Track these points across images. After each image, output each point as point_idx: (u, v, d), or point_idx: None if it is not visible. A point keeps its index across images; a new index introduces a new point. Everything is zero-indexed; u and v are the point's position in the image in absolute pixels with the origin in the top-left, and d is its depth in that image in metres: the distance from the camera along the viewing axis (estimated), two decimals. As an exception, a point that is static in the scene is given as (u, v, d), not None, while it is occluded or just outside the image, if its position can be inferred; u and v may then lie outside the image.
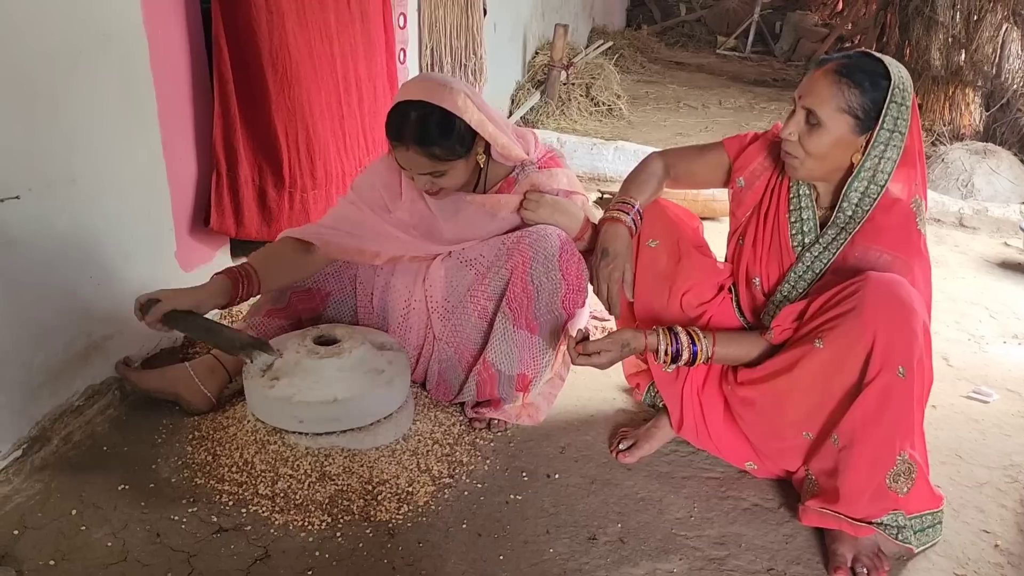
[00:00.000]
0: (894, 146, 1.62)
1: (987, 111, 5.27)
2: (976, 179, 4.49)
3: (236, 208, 2.33)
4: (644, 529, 1.72)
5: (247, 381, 1.86)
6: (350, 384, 1.84)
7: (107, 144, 1.94)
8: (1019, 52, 5.21)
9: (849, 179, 1.66)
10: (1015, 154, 4.77)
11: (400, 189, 2.05)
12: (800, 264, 1.75)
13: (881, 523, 1.62)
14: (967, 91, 5.27)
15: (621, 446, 1.97)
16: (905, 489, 1.60)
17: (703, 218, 2.38)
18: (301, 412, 1.80)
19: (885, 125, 1.60)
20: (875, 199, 1.65)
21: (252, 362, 1.83)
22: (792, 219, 1.77)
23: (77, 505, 1.67)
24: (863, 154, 1.63)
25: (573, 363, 1.81)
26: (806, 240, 1.75)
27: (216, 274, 1.86)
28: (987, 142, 4.91)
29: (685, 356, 1.76)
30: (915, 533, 1.66)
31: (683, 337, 1.76)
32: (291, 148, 2.44)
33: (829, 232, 1.71)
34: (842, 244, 1.68)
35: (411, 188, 2.02)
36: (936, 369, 2.49)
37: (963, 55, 5.27)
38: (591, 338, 1.78)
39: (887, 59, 1.63)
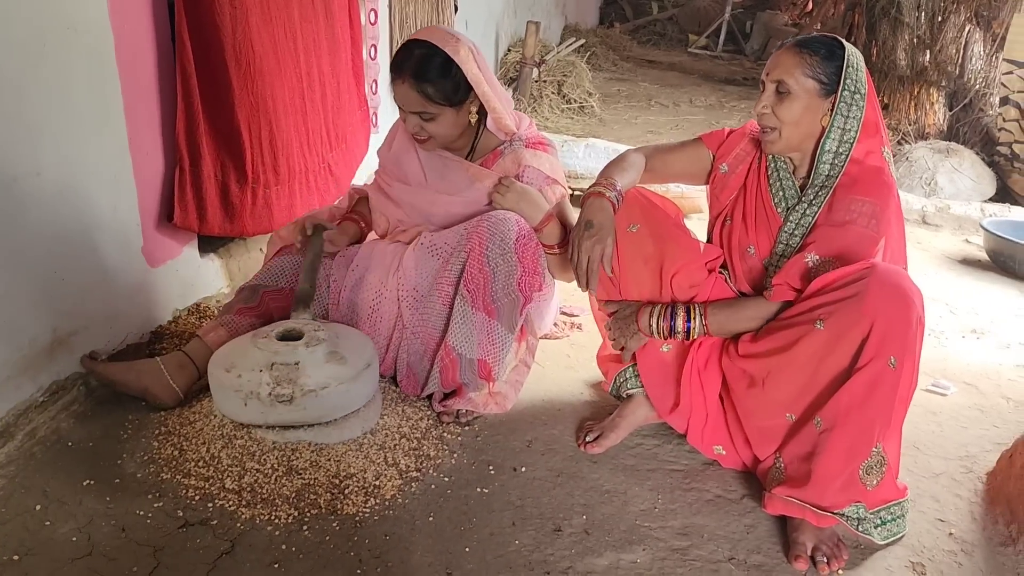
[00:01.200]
0: (857, 106, 1.76)
1: (950, 111, 5.37)
2: (939, 177, 4.58)
3: (199, 204, 2.32)
4: (609, 521, 1.74)
5: (250, 394, 1.83)
6: (347, 366, 1.85)
7: (73, 137, 1.92)
8: (981, 53, 5.32)
9: (821, 141, 1.77)
10: (977, 153, 4.87)
11: (392, 142, 2.22)
12: (788, 224, 1.83)
13: (843, 514, 1.66)
14: (931, 91, 5.37)
15: (588, 438, 2.00)
16: (874, 482, 1.65)
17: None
18: (323, 401, 1.82)
19: (847, 87, 1.74)
20: (847, 156, 1.77)
21: (293, 315, 1.98)
22: (773, 189, 1.87)
23: (41, 500, 1.66)
24: (831, 116, 1.75)
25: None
26: (789, 203, 1.84)
27: (344, 220, 2.25)
28: (950, 141, 5.01)
29: (680, 329, 1.84)
30: (876, 527, 1.70)
31: (680, 310, 1.84)
32: (254, 143, 2.43)
33: (810, 191, 1.82)
34: (824, 198, 1.78)
35: (404, 140, 2.15)
36: (896, 363, 2.56)
37: (928, 55, 5.36)
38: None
39: (838, 37, 1.79)
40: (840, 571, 1.64)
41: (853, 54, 1.75)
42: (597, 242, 1.79)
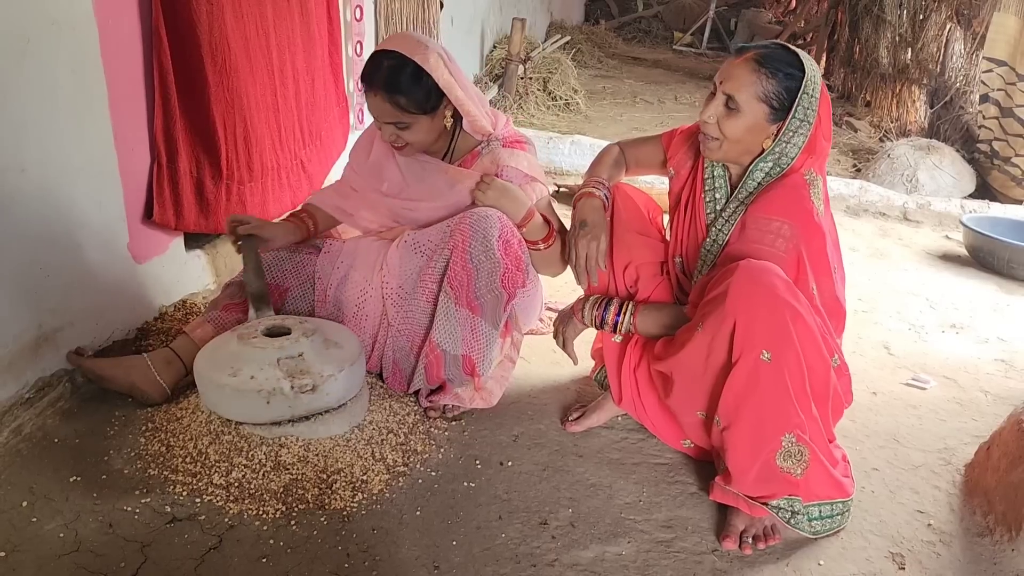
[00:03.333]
0: (801, 134, 1.73)
1: (931, 108, 5.42)
2: (920, 174, 4.63)
3: (176, 200, 2.31)
4: (594, 514, 1.76)
5: (273, 391, 1.83)
6: (326, 364, 1.86)
7: (57, 133, 1.92)
8: (962, 51, 5.38)
9: (756, 160, 1.76)
10: (957, 150, 4.93)
11: (371, 148, 2.19)
12: (708, 238, 1.85)
13: (776, 506, 1.68)
14: (913, 88, 5.43)
15: (571, 416, 2.07)
16: (799, 471, 1.65)
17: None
18: (340, 384, 1.86)
19: (796, 115, 1.71)
20: (777, 176, 1.76)
21: (256, 316, 1.99)
22: (707, 199, 1.87)
23: (28, 497, 1.66)
24: (773, 140, 1.74)
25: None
26: (716, 216, 1.85)
27: (288, 217, 2.21)
28: (931, 138, 5.07)
29: (609, 322, 1.89)
30: (810, 520, 1.71)
31: (613, 304, 1.89)
32: (229, 140, 2.43)
33: (730, 206, 1.81)
34: (740, 215, 1.77)
35: (382, 147, 2.14)
36: (877, 357, 2.61)
37: (909, 53, 5.42)
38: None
39: (801, 53, 1.73)
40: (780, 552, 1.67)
41: (811, 79, 1.70)
42: (592, 240, 1.86)
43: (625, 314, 1.88)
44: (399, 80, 1.92)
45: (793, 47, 1.74)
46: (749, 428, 1.65)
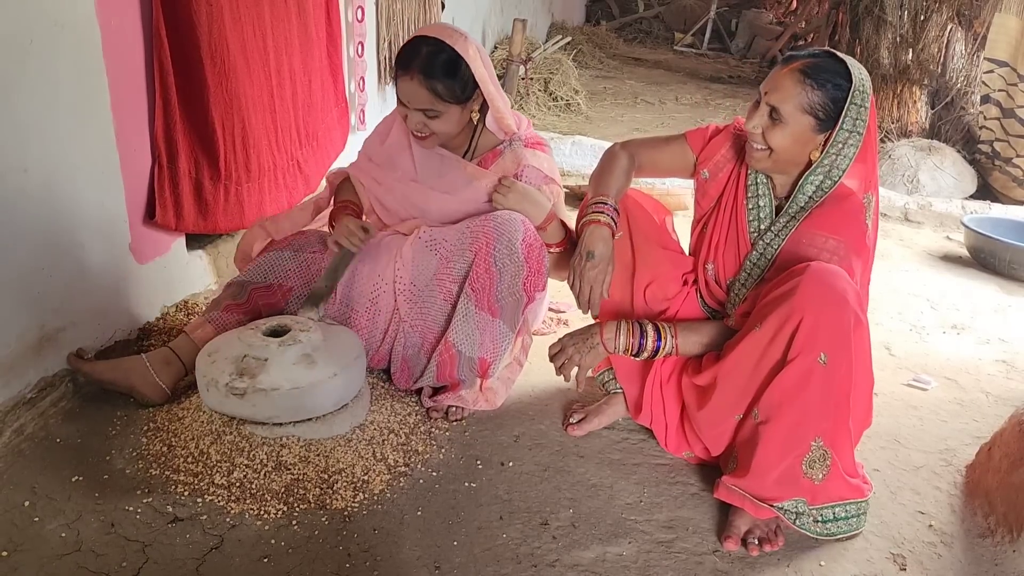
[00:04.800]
0: (851, 145, 1.69)
1: (932, 109, 5.42)
2: (921, 175, 4.63)
3: (176, 201, 2.31)
4: (595, 514, 1.76)
5: (211, 381, 1.83)
6: (315, 370, 1.85)
7: (60, 134, 1.92)
8: (963, 52, 5.38)
9: (806, 173, 1.74)
10: (958, 151, 4.92)
11: (387, 136, 2.19)
12: (754, 252, 1.82)
13: (782, 508, 1.67)
14: (914, 89, 5.42)
15: (572, 419, 2.04)
16: (820, 476, 1.66)
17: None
18: (273, 402, 1.81)
19: (844, 126, 1.68)
20: (828, 192, 1.73)
21: (305, 310, 2.00)
22: (750, 206, 1.84)
23: (30, 496, 1.66)
24: (821, 151, 1.71)
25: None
26: (761, 227, 1.82)
27: (338, 209, 2.15)
28: (932, 139, 5.06)
29: (649, 349, 1.82)
30: (817, 522, 1.70)
31: (650, 330, 1.82)
32: (227, 141, 2.43)
33: (781, 220, 1.79)
34: (792, 230, 1.75)
35: (399, 136, 2.14)
36: (878, 358, 2.61)
37: (910, 54, 5.41)
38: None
39: (850, 61, 1.69)
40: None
41: (859, 89, 1.66)
42: (599, 272, 1.82)
43: (666, 339, 1.82)
44: (437, 66, 1.92)
45: (842, 55, 1.69)
46: (787, 427, 1.64)
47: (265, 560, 1.56)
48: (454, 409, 2.06)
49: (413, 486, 1.80)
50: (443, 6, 4.40)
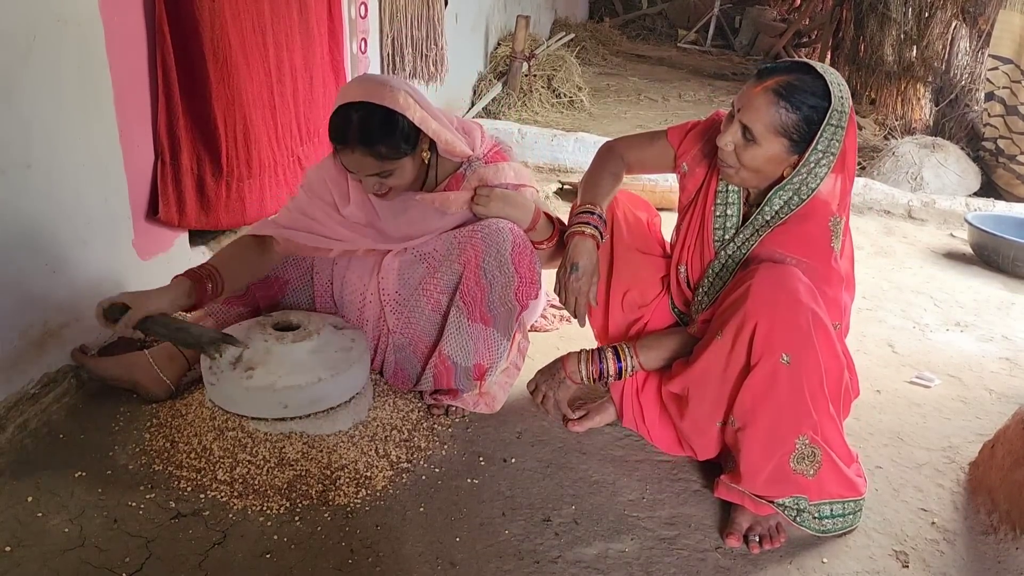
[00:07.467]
0: (824, 164, 1.67)
1: (936, 106, 5.41)
2: (925, 172, 4.62)
3: (178, 197, 2.32)
4: (597, 511, 1.76)
5: (220, 376, 1.83)
6: (328, 364, 1.86)
7: (63, 130, 1.92)
8: (967, 49, 5.36)
9: (775, 187, 1.72)
10: (962, 148, 4.92)
11: (348, 189, 2.04)
12: (716, 261, 1.83)
13: (782, 504, 1.67)
14: (918, 86, 5.42)
15: (573, 416, 2.04)
16: (812, 472, 1.65)
17: (660, 208, 2.44)
18: (287, 397, 1.81)
19: (818, 147, 1.65)
20: (796, 208, 1.72)
21: (221, 357, 1.82)
22: (717, 213, 1.84)
23: (33, 492, 1.67)
24: (794, 169, 1.69)
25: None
26: (726, 236, 1.83)
27: (177, 276, 1.86)
28: (936, 136, 5.05)
29: (611, 372, 1.90)
30: (816, 519, 1.69)
31: (608, 354, 1.90)
32: (229, 137, 2.43)
33: (744, 232, 1.79)
34: (755, 244, 1.75)
35: (358, 189, 2.01)
36: (881, 356, 2.61)
37: (914, 51, 5.41)
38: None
39: (829, 76, 1.64)
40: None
41: (837, 109, 1.62)
42: (583, 284, 1.86)
43: (625, 359, 1.88)
44: (373, 130, 1.80)
45: (821, 69, 1.65)
46: (764, 430, 1.64)
47: (268, 556, 1.56)
48: (454, 408, 2.06)
49: (415, 482, 1.80)
50: (446, 3, 4.40)
